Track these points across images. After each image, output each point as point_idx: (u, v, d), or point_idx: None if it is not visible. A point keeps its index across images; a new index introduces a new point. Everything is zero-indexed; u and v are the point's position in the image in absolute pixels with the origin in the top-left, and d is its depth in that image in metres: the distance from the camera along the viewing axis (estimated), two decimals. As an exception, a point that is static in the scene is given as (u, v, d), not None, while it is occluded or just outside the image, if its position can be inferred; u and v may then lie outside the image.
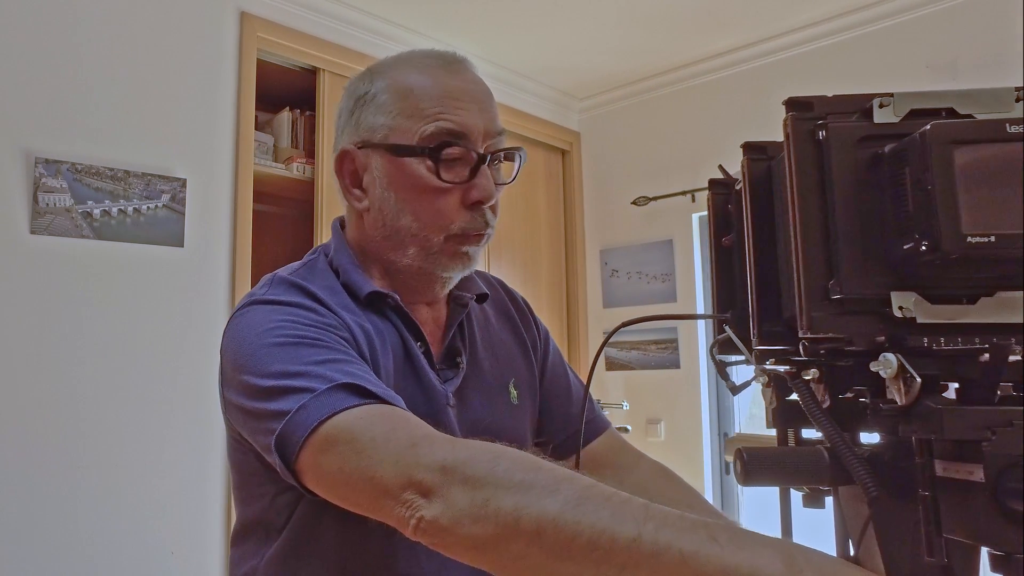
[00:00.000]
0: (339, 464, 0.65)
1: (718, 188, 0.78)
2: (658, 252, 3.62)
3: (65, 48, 2.25)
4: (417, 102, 0.88)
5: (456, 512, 0.58)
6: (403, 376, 0.89)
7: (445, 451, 0.61)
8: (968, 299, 0.56)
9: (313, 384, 0.69)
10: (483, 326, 1.04)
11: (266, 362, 0.74)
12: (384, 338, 0.88)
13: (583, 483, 0.58)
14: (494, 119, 0.91)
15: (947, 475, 0.53)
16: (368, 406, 0.67)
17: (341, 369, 0.72)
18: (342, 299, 0.88)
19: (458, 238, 0.89)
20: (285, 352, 0.74)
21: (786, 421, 0.71)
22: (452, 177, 0.87)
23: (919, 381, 0.49)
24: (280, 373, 0.72)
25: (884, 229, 0.54)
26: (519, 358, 1.05)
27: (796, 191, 0.53)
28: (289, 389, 0.70)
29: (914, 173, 0.48)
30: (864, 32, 3.07)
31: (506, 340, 1.06)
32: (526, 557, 0.56)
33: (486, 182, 0.88)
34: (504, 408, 0.99)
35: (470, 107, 0.88)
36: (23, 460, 2.07)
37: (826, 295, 0.54)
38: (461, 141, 0.87)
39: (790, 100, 0.55)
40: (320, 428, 0.66)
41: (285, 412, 0.69)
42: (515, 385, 1.02)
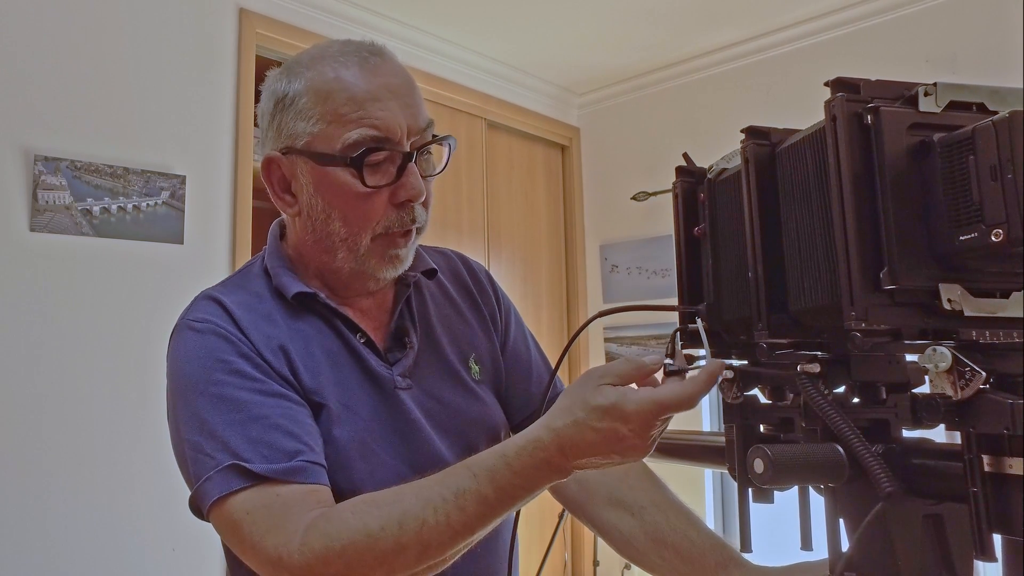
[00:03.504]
0: (229, 542, 0.81)
1: (685, 177, 0.77)
2: (658, 247, 3.61)
3: (64, 45, 2.22)
4: (337, 107, 0.86)
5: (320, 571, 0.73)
6: (343, 370, 0.90)
7: (294, 547, 0.74)
8: (1001, 293, 0.55)
9: (217, 456, 0.79)
10: (439, 302, 1.03)
11: (185, 419, 0.84)
12: (312, 340, 0.90)
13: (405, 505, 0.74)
14: (418, 112, 0.89)
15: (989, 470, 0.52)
16: (247, 492, 0.77)
17: (245, 435, 0.80)
18: (267, 306, 0.91)
19: (384, 238, 0.90)
20: (205, 414, 0.82)
21: (743, 417, 0.70)
22: (379, 180, 0.87)
23: (983, 375, 0.48)
24: (194, 445, 0.82)
25: (931, 218, 0.53)
26: (479, 332, 1.05)
27: (847, 177, 0.52)
28: (197, 457, 0.81)
29: (985, 161, 0.46)
30: (864, 26, 3.07)
31: (465, 314, 1.05)
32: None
33: (414, 179, 0.87)
34: (465, 383, 0.99)
35: (391, 105, 0.86)
36: (22, 457, 2.05)
37: (876, 285, 0.52)
38: (386, 144, 0.86)
39: (838, 80, 0.53)
40: (214, 507, 0.79)
41: (195, 477, 0.81)
42: (476, 360, 1.02)
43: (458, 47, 3.35)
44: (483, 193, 3.51)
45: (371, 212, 0.88)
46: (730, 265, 0.71)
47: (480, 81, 3.50)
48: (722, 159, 0.75)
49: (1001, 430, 0.47)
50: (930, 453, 0.59)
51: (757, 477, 0.60)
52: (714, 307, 0.72)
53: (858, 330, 0.52)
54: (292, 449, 0.79)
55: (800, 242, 0.61)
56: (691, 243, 0.76)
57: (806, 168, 0.60)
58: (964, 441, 0.52)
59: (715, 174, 0.74)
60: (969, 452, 0.51)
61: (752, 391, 0.71)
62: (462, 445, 0.95)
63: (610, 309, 0.79)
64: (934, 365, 0.52)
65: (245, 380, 0.83)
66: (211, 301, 0.90)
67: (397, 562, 0.72)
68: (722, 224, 0.72)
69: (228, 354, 0.84)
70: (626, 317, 3.52)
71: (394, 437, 0.91)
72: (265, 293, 0.93)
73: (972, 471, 0.51)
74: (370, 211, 0.88)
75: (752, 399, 0.72)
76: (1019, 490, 0.47)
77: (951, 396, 0.51)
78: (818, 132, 0.59)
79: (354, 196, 0.87)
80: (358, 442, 0.88)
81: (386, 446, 0.90)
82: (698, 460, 1.20)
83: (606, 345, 3.71)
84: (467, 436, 0.97)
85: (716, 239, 0.73)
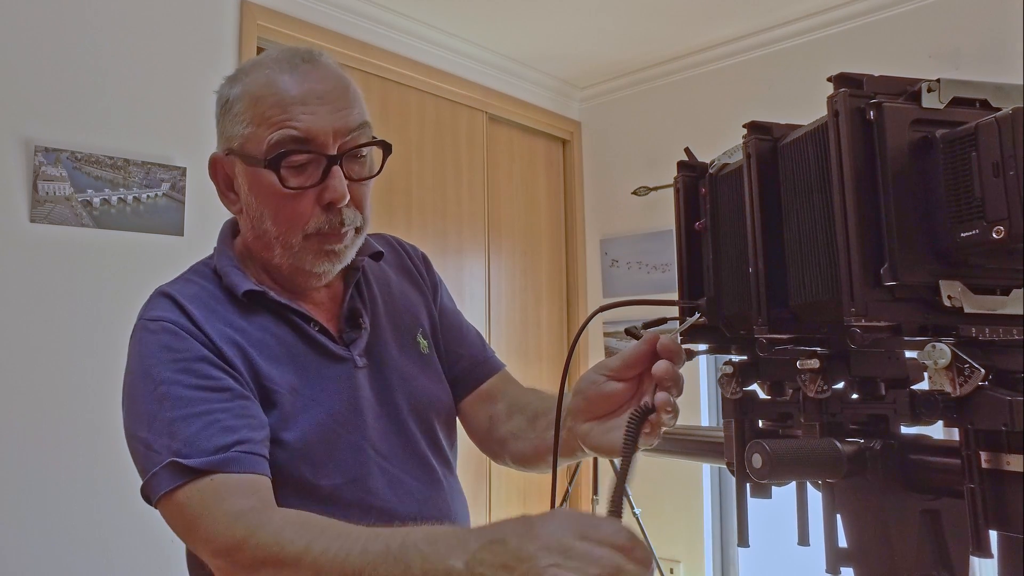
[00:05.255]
0: (176, 532, 0.86)
1: (686, 171, 0.77)
2: (658, 242, 3.61)
3: (65, 37, 2.22)
4: (264, 110, 0.89)
5: (233, 560, 0.77)
6: (301, 358, 0.94)
7: (238, 532, 0.78)
8: (1001, 290, 0.55)
9: (161, 454, 0.84)
10: (383, 284, 1.08)
11: (134, 415, 0.89)
12: (267, 333, 0.94)
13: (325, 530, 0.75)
14: (347, 116, 0.91)
15: (987, 467, 0.52)
16: (187, 488, 0.81)
17: (186, 433, 0.84)
18: (218, 305, 0.93)
19: (316, 238, 0.92)
20: (151, 412, 0.87)
21: (742, 412, 0.71)
22: (302, 181, 0.90)
23: (982, 371, 0.48)
24: (143, 441, 0.87)
25: (933, 214, 0.53)
26: (422, 309, 1.10)
27: (848, 172, 0.52)
28: (144, 453, 0.87)
29: (987, 158, 0.46)
30: (867, 21, 3.06)
31: (407, 293, 1.10)
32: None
33: (336, 183, 0.89)
34: (417, 358, 1.05)
35: (317, 109, 0.89)
36: (22, 450, 2.05)
37: (877, 281, 0.52)
38: (308, 146, 0.89)
39: (841, 75, 0.53)
40: (160, 503, 0.84)
41: (142, 472, 0.87)
42: (423, 335, 1.07)
43: (459, 40, 3.34)
44: (484, 186, 3.51)
45: (298, 213, 0.91)
46: (731, 260, 0.71)
47: (481, 74, 3.49)
48: (724, 154, 0.75)
49: (999, 426, 0.47)
50: (928, 449, 0.60)
51: (755, 472, 0.60)
52: (714, 302, 0.72)
53: (858, 326, 0.52)
54: (229, 442, 0.83)
55: (801, 237, 0.61)
56: (692, 238, 0.76)
57: (808, 163, 0.60)
58: (962, 437, 0.52)
59: (716, 169, 0.74)
60: (967, 448, 0.51)
61: (751, 386, 0.72)
62: (418, 416, 1.01)
63: (611, 304, 0.80)
64: (933, 361, 0.52)
65: (191, 377, 0.87)
66: (166, 298, 0.94)
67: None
68: (723, 219, 0.72)
69: (177, 352, 0.88)
70: (626, 312, 3.51)
71: (353, 418, 0.95)
72: (217, 292, 0.96)
73: (970, 467, 0.51)
74: (296, 212, 0.91)
75: (751, 394, 0.72)
76: (1017, 486, 0.47)
77: (950, 392, 0.51)
78: (820, 127, 0.59)
79: (280, 196, 0.90)
80: (318, 429, 0.91)
81: (348, 426, 0.94)
82: (696, 455, 1.20)
83: (605, 340, 3.71)
84: (422, 406, 1.02)
85: (717, 234, 0.73)
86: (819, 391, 0.62)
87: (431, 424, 1.03)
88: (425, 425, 1.02)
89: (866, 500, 0.60)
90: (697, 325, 0.73)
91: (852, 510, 0.62)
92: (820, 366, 0.61)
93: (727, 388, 0.71)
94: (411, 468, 0.99)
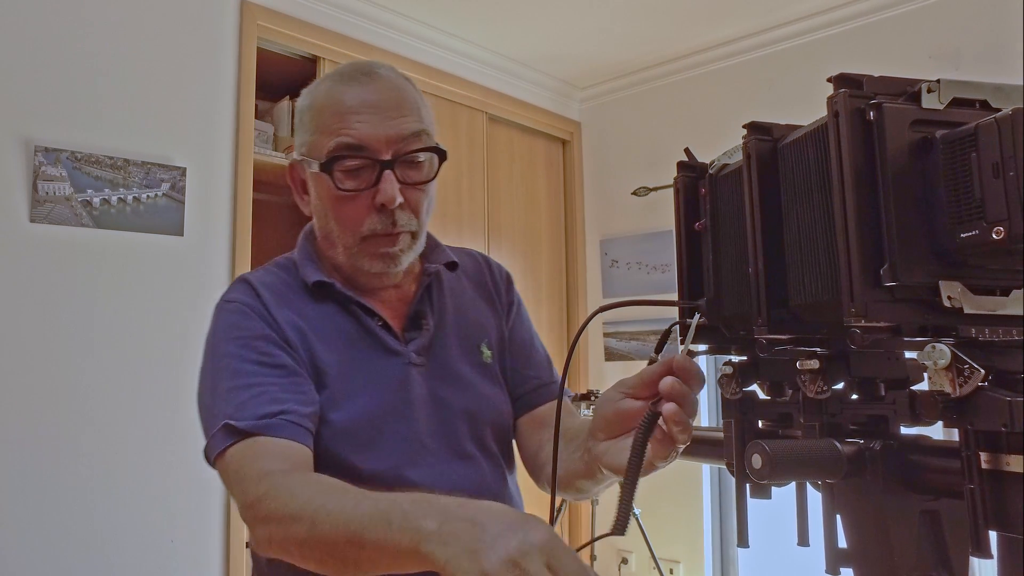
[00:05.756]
0: (226, 487, 0.93)
1: (686, 171, 0.77)
2: (658, 242, 3.61)
3: (65, 36, 2.22)
4: (325, 119, 0.98)
5: (262, 528, 0.83)
6: (357, 346, 1.01)
7: (254, 492, 0.84)
8: (1000, 291, 0.55)
9: (218, 418, 0.92)
10: (456, 293, 1.14)
11: (204, 383, 0.99)
12: (329, 320, 1.02)
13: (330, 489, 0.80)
14: (400, 124, 0.97)
15: (986, 467, 0.52)
16: (234, 447, 0.89)
17: (239, 400, 0.92)
18: (291, 293, 1.03)
19: (370, 240, 0.99)
20: (216, 382, 0.96)
21: (742, 412, 0.71)
22: (356, 185, 0.97)
23: (982, 372, 0.48)
24: (208, 408, 0.96)
25: (933, 215, 0.53)
26: (491, 322, 1.15)
27: (848, 172, 0.52)
28: (207, 417, 0.96)
29: (987, 158, 0.46)
30: (867, 22, 3.06)
31: (479, 306, 1.15)
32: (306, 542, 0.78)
33: (387, 186, 0.96)
34: (477, 366, 1.10)
35: (371, 118, 0.96)
36: (22, 449, 2.05)
37: (877, 281, 0.52)
38: (362, 152, 0.96)
39: (840, 76, 0.53)
40: (216, 461, 0.92)
41: (204, 433, 0.95)
42: (487, 345, 1.12)
43: (459, 40, 3.35)
44: (484, 187, 3.51)
45: (353, 215, 0.98)
46: (730, 260, 0.71)
47: (481, 75, 3.50)
48: (724, 154, 0.75)
49: (999, 427, 0.47)
50: (928, 449, 0.60)
51: (755, 473, 0.60)
52: (714, 302, 0.72)
53: (858, 326, 0.52)
54: (275, 410, 0.91)
55: (801, 238, 0.61)
56: (692, 238, 0.76)
57: (808, 164, 0.60)
58: (962, 438, 0.52)
59: (716, 169, 0.74)
60: (967, 449, 0.51)
61: (751, 387, 0.72)
62: (468, 418, 1.05)
63: (611, 304, 0.80)
64: (933, 362, 0.52)
65: (252, 352, 0.96)
66: (243, 282, 1.03)
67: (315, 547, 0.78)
68: (723, 219, 0.72)
69: (245, 330, 0.97)
70: (625, 312, 3.52)
71: (402, 409, 1.00)
72: (292, 282, 1.05)
73: (969, 468, 0.51)
74: (352, 214, 0.98)
75: (751, 395, 0.72)
76: (1017, 487, 0.47)
77: (950, 393, 0.51)
78: (820, 128, 0.59)
79: (337, 199, 0.98)
80: (365, 413, 0.98)
81: (394, 417, 0.99)
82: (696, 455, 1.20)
83: (605, 340, 3.71)
84: (474, 410, 1.06)
85: (717, 234, 0.73)
86: (819, 391, 0.62)
87: (481, 427, 1.06)
88: (475, 427, 1.06)
89: (866, 501, 0.60)
90: (697, 326, 0.73)
91: (852, 511, 0.62)
92: (820, 366, 0.61)
93: (727, 388, 0.71)
94: (456, 465, 1.01)
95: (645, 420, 0.71)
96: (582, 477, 0.91)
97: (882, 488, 0.59)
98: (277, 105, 2.98)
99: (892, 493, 0.59)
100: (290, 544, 0.79)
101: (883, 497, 0.59)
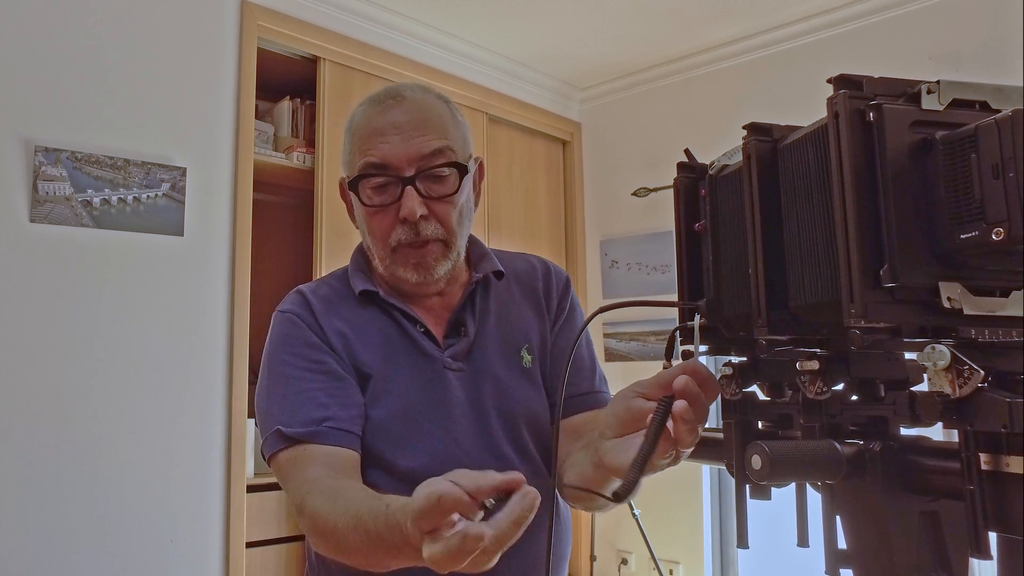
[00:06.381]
0: (282, 486, 1.04)
1: (686, 172, 0.77)
2: (658, 243, 3.61)
3: (66, 37, 2.22)
4: (358, 141, 1.08)
5: (306, 528, 0.95)
6: (396, 350, 1.09)
7: (299, 496, 0.95)
8: (1000, 292, 0.55)
9: (272, 422, 1.04)
10: (503, 299, 1.18)
11: (261, 389, 1.09)
12: (372, 325, 1.10)
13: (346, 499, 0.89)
14: (421, 144, 1.05)
15: (986, 468, 0.52)
16: (285, 452, 1.01)
17: (290, 406, 1.03)
18: (340, 301, 1.12)
19: (399, 251, 1.07)
20: (270, 386, 1.08)
21: (742, 413, 0.70)
22: (382, 200, 1.06)
23: (981, 373, 0.48)
24: (263, 410, 1.07)
25: (932, 216, 0.53)
26: (535, 326, 1.18)
27: (848, 174, 0.52)
28: (264, 420, 1.07)
29: (987, 159, 0.46)
30: (867, 23, 3.06)
31: (525, 312, 1.19)
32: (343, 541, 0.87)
33: (408, 201, 1.04)
34: (517, 370, 1.14)
35: (393, 139, 1.05)
36: (22, 449, 2.05)
37: (877, 282, 0.52)
38: (385, 171, 1.05)
39: (840, 77, 0.53)
40: (270, 462, 1.04)
41: (260, 436, 1.07)
42: (528, 351, 1.16)
43: (459, 40, 3.35)
44: (484, 187, 3.50)
45: (381, 227, 1.07)
46: (730, 261, 0.71)
47: (481, 75, 3.50)
48: (724, 155, 0.75)
49: (999, 428, 0.47)
50: (927, 450, 0.59)
51: (755, 473, 0.60)
52: (714, 303, 0.72)
53: (858, 327, 0.52)
54: (321, 416, 1.01)
55: (801, 239, 0.61)
56: (692, 239, 0.76)
57: (808, 165, 0.60)
58: (961, 439, 0.52)
59: (716, 170, 0.74)
60: (966, 450, 0.51)
61: (751, 387, 0.72)
62: (505, 421, 1.10)
63: (611, 304, 0.80)
64: (933, 363, 0.52)
65: (300, 360, 1.06)
66: (297, 293, 1.13)
67: (342, 546, 0.87)
68: (723, 220, 0.72)
69: (295, 339, 1.07)
70: (625, 313, 3.52)
71: (437, 410, 1.07)
72: (344, 290, 1.14)
73: (969, 469, 0.51)
74: (380, 226, 1.07)
75: (751, 395, 0.72)
76: (1016, 488, 0.47)
77: (949, 394, 0.51)
78: (820, 129, 0.59)
79: (367, 213, 1.07)
80: (401, 412, 1.05)
81: (429, 417, 1.06)
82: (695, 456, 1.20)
83: (605, 341, 3.71)
84: (510, 413, 1.10)
85: (717, 235, 0.73)
86: (819, 392, 0.62)
87: (517, 430, 1.10)
88: (511, 430, 1.10)
89: (865, 502, 0.60)
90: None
91: (851, 511, 0.62)
92: (820, 367, 0.61)
93: (727, 389, 0.71)
94: (490, 465, 1.00)
95: (660, 405, 0.70)
96: (591, 481, 0.90)
97: (882, 489, 0.59)
98: (277, 105, 2.98)
99: (892, 494, 0.59)
100: (325, 543, 0.89)
101: (883, 498, 0.59)
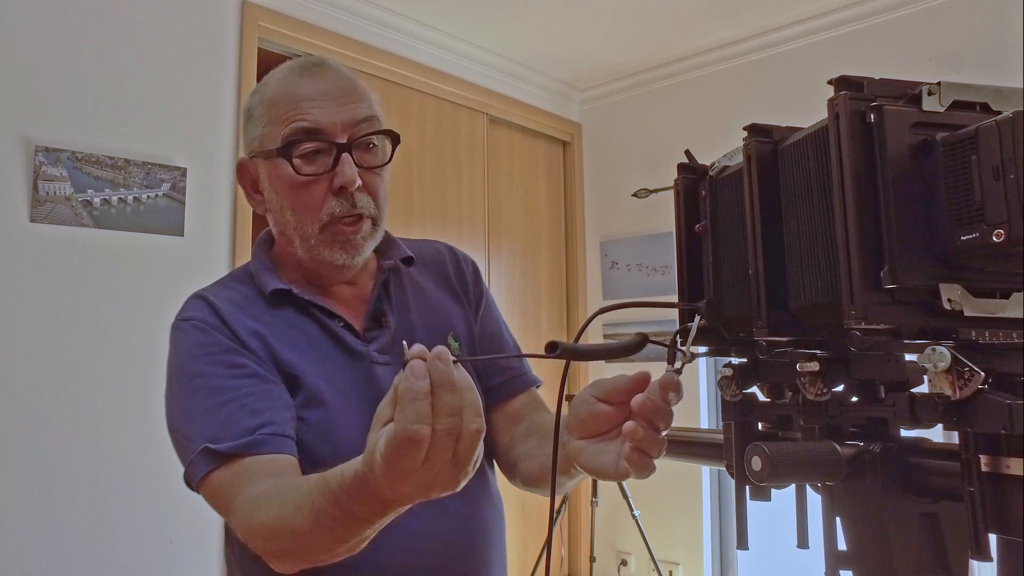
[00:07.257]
0: (217, 512, 0.93)
1: (687, 173, 0.77)
2: (658, 244, 3.61)
3: (65, 37, 2.22)
4: (279, 109, 0.98)
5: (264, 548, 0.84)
6: (321, 349, 1.01)
7: (244, 518, 0.85)
8: (1001, 293, 0.55)
9: (196, 442, 0.92)
10: (418, 287, 1.13)
11: (172, 408, 0.98)
12: (291, 326, 1.01)
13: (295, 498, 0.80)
14: (354, 109, 0.99)
15: (986, 470, 0.52)
16: (218, 471, 0.89)
17: (217, 420, 0.92)
18: (248, 304, 1.02)
19: (332, 227, 0.99)
20: (187, 404, 0.96)
21: (742, 414, 0.71)
22: (315, 169, 0.97)
23: (982, 375, 0.48)
24: (182, 433, 0.95)
25: (933, 218, 0.53)
26: (457, 313, 1.14)
27: (848, 175, 0.52)
28: (182, 442, 0.95)
29: (987, 161, 0.46)
30: (867, 25, 3.06)
31: (443, 298, 1.14)
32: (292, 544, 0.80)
33: (346, 168, 0.96)
34: None
35: (325, 104, 0.97)
36: (22, 449, 2.05)
37: (877, 284, 0.52)
38: (318, 136, 0.97)
39: (841, 78, 0.53)
40: (200, 486, 0.92)
41: (182, 460, 0.95)
42: (454, 337, 1.11)
43: (460, 41, 3.35)
44: (484, 188, 3.51)
45: (312, 201, 0.98)
46: (731, 262, 0.71)
47: (482, 76, 3.50)
48: (724, 156, 0.75)
49: (999, 430, 0.47)
50: (927, 452, 0.59)
51: (755, 475, 0.60)
52: (714, 304, 0.72)
53: (858, 328, 0.52)
54: (254, 425, 0.90)
55: (801, 240, 0.61)
56: (692, 240, 0.76)
57: (808, 166, 0.60)
58: (961, 440, 0.52)
59: (717, 171, 0.74)
60: (966, 451, 0.51)
61: (751, 389, 0.72)
62: None
63: (611, 305, 0.80)
64: (933, 364, 0.52)
65: (220, 368, 0.94)
66: (197, 298, 1.02)
67: (310, 545, 0.79)
68: (723, 221, 0.72)
69: (208, 346, 0.96)
70: (625, 314, 3.52)
71: (371, 407, 0.97)
72: (250, 293, 1.04)
73: (969, 470, 0.51)
74: (311, 199, 0.98)
75: (751, 396, 0.72)
76: (1016, 490, 0.47)
77: (949, 395, 0.51)
78: (821, 130, 0.59)
79: (295, 185, 0.98)
80: (336, 412, 0.98)
81: (364, 416, 0.96)
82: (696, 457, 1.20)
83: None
84: None
85: (717, 236, 0.73)
86: (819, 394, 0.62)
87: None
88: None
89: (865, 503, 0.60)
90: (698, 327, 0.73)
91: (851, 513, 0.62)
92: (820, 369, 0.61)
93: (727, 390, 0.71)
94: None
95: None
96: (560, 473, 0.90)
97: (882, 490, 0.59)
98: (278, 106, 2.99)
99: (892, 495, 0.59)
100: (289, 556, 0.81)
101: (883, 499, 0.59)
